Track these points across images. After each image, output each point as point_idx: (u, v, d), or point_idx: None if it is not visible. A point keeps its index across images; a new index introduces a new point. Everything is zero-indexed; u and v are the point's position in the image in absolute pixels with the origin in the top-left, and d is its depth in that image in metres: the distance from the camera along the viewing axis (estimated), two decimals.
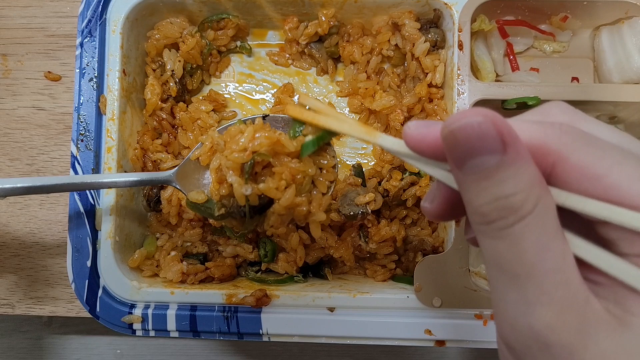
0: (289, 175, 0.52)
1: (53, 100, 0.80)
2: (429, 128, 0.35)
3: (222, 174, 0.54)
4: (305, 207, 0.54)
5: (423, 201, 0.40)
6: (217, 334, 0.67)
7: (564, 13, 0.74)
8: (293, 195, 0.53)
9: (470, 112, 0.30)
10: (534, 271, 0.30)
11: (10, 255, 0.78)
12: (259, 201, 0.53)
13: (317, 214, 0.55)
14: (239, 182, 0.52)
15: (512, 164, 0.30)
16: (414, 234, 0.74)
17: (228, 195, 0.55)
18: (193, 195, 0.58)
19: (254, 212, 0.55)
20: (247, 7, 0.74)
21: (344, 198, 0.69)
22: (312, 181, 0.55)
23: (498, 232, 0.31)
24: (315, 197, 0.56)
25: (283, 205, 0.53)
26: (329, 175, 0.56)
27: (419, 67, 0.74)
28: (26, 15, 0.80)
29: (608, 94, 0.70)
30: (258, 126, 0.54)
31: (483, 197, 0.31)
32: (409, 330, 0.65)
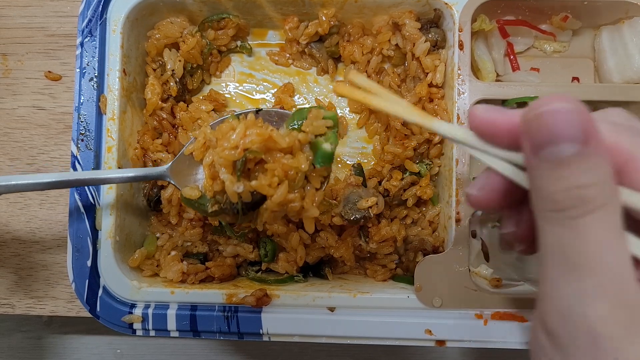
0: (281, 172, 0.52)
1: (53, 99, 0.80)
2: (499, 113, 0.36)
3: (215, 170, 0.54)
4: (298, 203, 0.54)
5: (469, 188, 0.40)
6: (217, 333, 0.67)
7: (564, 13, 0.74)
8: (286, 191, 0.52)
9: (557, 97, 0.31)
10: (596, 264, 0.31)
11: (10, 255, 0.78)
12: (252, 198, 0.53)
13: (310, 210, 0.55)
14: (231, 180, 0.52)
15: (591, 156, 0.31)
16: (414, 234, 0.74)
17: (221, 191, 0.55)
18: (187, 191, 0.58)
19: (248, 208, 0.54)
20: (247, 6, 0.74)
21: (346, 202, 0.69)
22: (305, 177, 0.55)
23: (568, 220, 0.31)
24: (309, 193, 0.55)
25: (276, 202, 0.52)
26: (321, 170, 0.56)
27: (419, 67, 0.74)
28: (26, 14, 0.80)
29: (608, 94, 0.70)
30: (250, 122, 0.54)
31: (558, 185, 0.31)
32: (409, 330, 0.65)
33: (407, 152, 0.73)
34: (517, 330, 0.65)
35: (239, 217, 0.55)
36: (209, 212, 0.56)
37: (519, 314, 0.66)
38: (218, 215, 0.57)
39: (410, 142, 0.73)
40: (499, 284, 0.70)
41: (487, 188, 0.39)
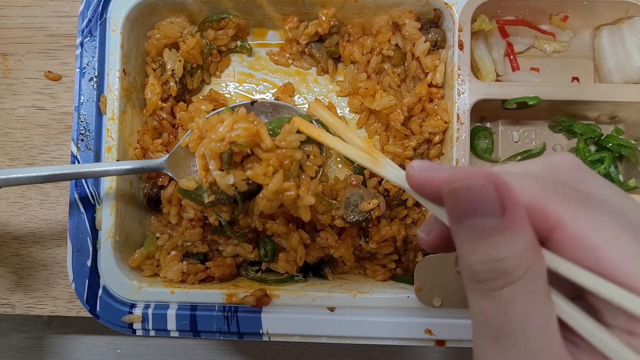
0: (276, 161, 0.52)
1: (53, 99, 0.80)
2: (433, 172, 0.35)
3: (206, 162, 0.54)
4: (293, 191, 0.54)
5: (419, 231, 0.41)
6: (217, 333, 0.67)
7: (564, 13, 0.74)
8: (281, 180, 0.53)
9: (473, 172, 0.31)
10: (517, 334, 0.31)
11: (10, 255, 0.78)
12: (248, 187, 0.53)
13: (306, 198, 0.55)
14: (220, 175, 0.53)
15: (508, 229, 0.30)
16: (414, 234, 0.74)
17: (216, 183, 0.55)
18: (184, 183, 0.59)
19: (244, 198, 0.55)
20: (247, 6, 0.74)
21: (347, 203, 0.69)
22: (300, 166, 0.56)
23: (487, 292, 0.31)
24: (304, 182, 0.56)
25: (271, 191, 0.53)
26: (315, 159, 0.57)
27: (419, 67, 0.74)
28: (26, 14, 0.80)
29: (608, 94, 0.70)
30: (239, 116, 0.54)
31: (476, 256, 0.31)
32: (409, 330, 0.65)
33: (407, 152, 0.73)
34: None
35: (237, 207, 0.56)
36: (206, 203, 0.57)
37: None
38: (215, 206, 0.57)
39: (410, 142, 0.73)
40: None
41: (433, 233, 0.39)
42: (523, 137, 0.78)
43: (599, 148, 0.76)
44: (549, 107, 0.75)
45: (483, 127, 0.78)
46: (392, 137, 0.75)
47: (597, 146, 0.76)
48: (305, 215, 0.57)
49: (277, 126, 0.56)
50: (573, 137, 0.77)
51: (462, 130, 0.69)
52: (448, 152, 0.71)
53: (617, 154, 0.74)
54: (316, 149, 0.57)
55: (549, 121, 0.77)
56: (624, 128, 0.76)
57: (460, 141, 0.69)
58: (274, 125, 0.57)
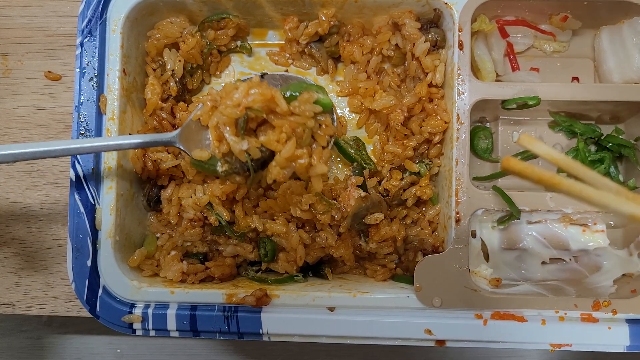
0: (289, 128, 0.53)
1: (53, 99, 0.80)
2: None
3: (221, 132, 0.55)
4: (306, 159, 0.55)
5: None
6: (217, 333, 0.67)
7: (564, 13, 0.74)
8: (294, 146, 0.53)
9: None
10: None
11: (10, 255, 0.78)
12: (261, 154, 0.54)
13: (318, 167, 0.56)
14: (235, 140, 0.53)
15: None
16: (414, 234, 0.74)
17: (229, 153, 0.56)
18: (197, 153, 0.59)
19: (257, 166, 0.55)
20: (247, 6, 0.74)
21: (355, 217, 0.69)
22: (312, 135, 0.56)
23: None
24: (316, 151, 0.56)
25: (284, 157, 0.53)
26: (327, 129, 0.57)
27: (419, 67, 0.74)
28: (26, 14, 0.80)
29: (608, 94, 0.70)
30: (253, 83, 0.55)
31: None
32: (409, 329, 0.65)
33: (406, 152, 0.73)
34: (517, 330, 0.65)
35: (250, 176, 0.56)
36: (220, 172, 0.57)
37: (518, 314, 0.66)
38: (229, 175, 0.57)
39: (410, 142, 0.73)
40: (498, 284, 0.70)
41: None
42: None
43: (599, 148, 0.76)
44: (549, 107, 0.75)
45: (483, 127, 0.78)
46: (392, 137, 0.75)
47: (597, 146, 0.76)
48: (317, 184, 0.58)
49: (295, 90, 0.56)
50: (573, 137, 0.77)
51: (462, 130, 0.69)
52: (448, 152, 0.71)
53: (617, 154, 0.74)
54: (329, 119, 0.58)
55: (549, 121, 0.77)
56: (624, 128, 0.76)
57: (460, 141, 0.69)
58: (292, 90, 0.57)
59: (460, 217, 0.68)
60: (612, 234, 0.72)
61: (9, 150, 0.58)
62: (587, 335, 0.65)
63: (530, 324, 0.65)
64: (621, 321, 0.66)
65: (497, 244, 0.71)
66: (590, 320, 0.65)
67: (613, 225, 0.73)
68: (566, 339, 0.65)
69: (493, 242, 0.71)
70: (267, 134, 0.53)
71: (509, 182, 0.77)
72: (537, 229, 0.70)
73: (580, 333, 0.65)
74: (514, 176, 0.42)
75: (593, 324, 0.65)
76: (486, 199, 0.68)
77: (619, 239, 0.74)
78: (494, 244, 0.71)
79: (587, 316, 0.66)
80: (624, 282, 0.70)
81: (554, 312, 0.66)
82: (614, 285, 0.70)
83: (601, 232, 0.70)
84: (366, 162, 0.74)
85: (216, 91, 0.57)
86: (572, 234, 0.70)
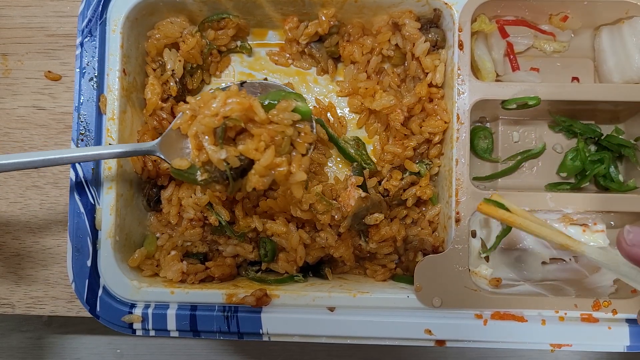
0: (267, 137, 0.53)
1: (53, 99, 0.80)
2: None
3: (200, 141, 0.55)
4: (285, 167, 0.55)
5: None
6: (217, 333, 0.67)
7: (564, 13, 0.74)
8: (272, 155, 0.54)
9: None
10: None
11: (10, 255, 0.78)
12: (240, 163, 0.54)
13: (298, 174, 0.56)
14: (214, 149, 0.53)
15: None
16: (414, 234, 0.74)
17: (209, 161, 0.56)
18: (177, 162, 0.59)
19: (236, 174, 0.56)
20: (247, 6, 0.74)
21: (355, 217, 0.69)
22: (292, 143, 0.56)
23: None
24: (295, 158, 0.57)
25: (263, 165, 0.53)
26: (306, 137, 0.57)
27: (419, 67, 0.74)
28: (26, 14, 0.80)
29: (608, 94, 0.70)
30: (231, 92, 0.55)
31: None
32: (409, 330, 0.65)
33: (406, 152, 0.73)
34: (517, 330, 0.65)
35: (229, 184, 0.56)
36: (199, 181, 0.57)
37: (518, 314, 0.66)
38: (208, 184, 0.58)
39: (410, 142, 0.73)
40: (498, 284, 0.70)
41: None
42: (523, 137, 0.78)
43: (599, 148, 0.76)
44: (549, 107, 0.75)
45: (483, 127, 0.78)
46: (392, 137, 0.75)
47: (597, 146, 0.76)
48: (297, 192, 0.58)
49: (274, 99, 0.57)
50: (573, 137, 0.77)
51: (462, 130, 0.69)
52: (448, 152, 0.71)
53: (617, 154, 0.74)
54: (307, 127, 0.58)
55: (549, 121, 0.77)
56: (624, 128, 0.76)
57: (460, 141, 0.69)
58: (270, 98, 0.57)
59: (460, 217, 0.68)
60: (612, 234, 0.72)
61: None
62: (587, 335, 0.65)
63: (530, 324, 0.65)
64: (621, 321, 0.66)
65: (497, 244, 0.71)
66: (590, 320, 0.65)
67: (613, 225, 0.73)
68: (566, 339, 0.65)
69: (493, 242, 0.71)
70: (246, 143, 0.53)
71: (509, 182, 0.77)
72: None
73: (580, 333, 0.65)
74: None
75: (593, 324, 0.65)
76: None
77: None
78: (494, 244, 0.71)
79: (587, 316, 0.66)
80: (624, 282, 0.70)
81: (554, 312, 0.66)
82: (614, 285, 0.70)
83: (601, 232, 0.70)
84: (366, 162, 0.74)
85: (195, 100, 0.57)
86: (572, 234, 0.70)
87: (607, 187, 0.74)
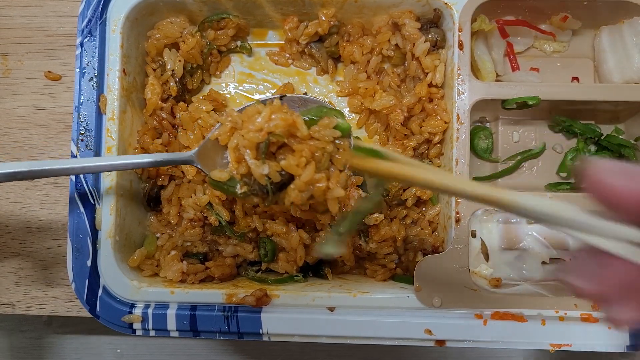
0: (308, 153, 0.54)
1: (53, 99, 0.80)
2: (631, 180, 0.27)
3: (240, 154, 0.55)
4: (324, 183, 0.55)
5: (574, 279, 0.31)
6: (217, 333, 0.67)
7: (564, 13, 0.74)
8: (313, 171, 0.54)
9: None
10: None
11: (10, 255, 0.78)
12: (281, 178, 0.54)
13: (336, 190, 0.56)
14: (256, 164, 0.54)
15: None
16: (414, 234, 0.74)
17: (248, 174, 0.56)
18: (216, 174, 0.59)
19: (276, 188, 0.56)
20: (247, 6, 0.74)
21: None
22: (330, 159, 0.57)
23: None
24: (334, 174, 0.57)
25: (303, 181, 0.54)
26: (345, 154, 0.57)
27: (419, 67, 0.74)
28: (26, 14, 0.80)
29: (608, 94, 0.70)
30: (275, 107, 0.55)
31: None
32: (409, 330, 0.65)
33: (406, 152, 0.73)
34: (517, 330, 0.65)
35: (268, 197, 0.56)
36: (239, 194, 0.57)
37: (518, 314, 0.66)
38: (247, 197, 0.58)
39: (410, 142, 0.73)
40: (498, 284, 0.70)
41: (599, 279, 0.29)
42: (523, 137, 0.78)
43: (599, 148, 0.76)
44: (549, 107, 0.75)
45: (483, 127, 0.78)
46: (392, 137, 0.75)
47: (597, 146, 0.76)
48: (333, 207, 0.58)
49: (315, 115, 0.57)
50: (573, 137, 0.77)
51: (462, 130, 0.69)
52: (448, 152, 0.71)
53: (617, 154, 0.74)
54: (346, 143, 0.58)
55: (549, 121, 0.77)
56: (624, 128, 0.76)
57: (460, 141, 0.69)
58: (312, 114, 0.57)
59: (460, 217, 0.68)
60: None
61: (8, 169, 0.57)
62: (587, 335, 0.65)
63: (530, 324, 0.65)
64: None
65: (497, 244, 0.71)
66: (590, 320, 0.65)
67: None
68: (566, 339, 0.65)
69: (493, 242, 0.71)
70: (287, 158, 0.54)
71: (509, 182, 0.77)
72: (537, 229, 0.70)
73: (580, 333, 0.65)
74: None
75: (593, 324, 0.65)
76: None
77: None
78: (494, 244, 0.71)
79: (587, 316, 0.66)
80: None
81: (554, 312, 0.66)
82: None
83: None
84: None
85: (236, 113, 0.58)
86: None
87: None
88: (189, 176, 0.71)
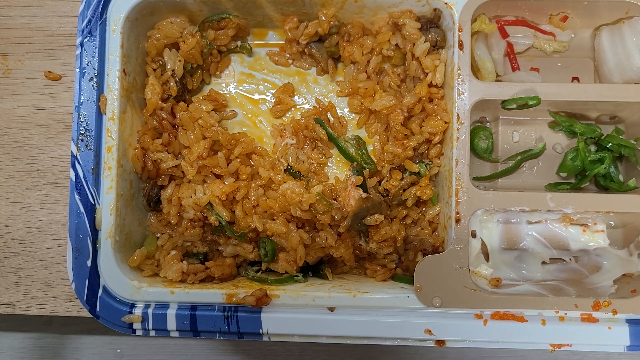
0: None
1: (53, 99, 0.80)
2: None
3: None
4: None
5: None
6: (217, 333, 0.67)
7: (564, 13, 0.74)
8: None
9: None
10: None
11: (10, 255, 0.78)
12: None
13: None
14: None
15: None
16: (414, 234, 0.74)
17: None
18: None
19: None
20: (247, 6, 0.74)
21: (355, 217, 0.69)
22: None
23: None
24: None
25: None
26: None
27: (419, 67, 0.74)
28: (26, 14, 0.80)
29: (608, 94, 0.70)
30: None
31: None
32: (409, 329, 0.65)
33: (406, 152, 0.73)
34: (517, 330, 0.65)
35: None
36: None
37: (518, 314, 0.66)
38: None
39: (410, 142, 0.73)
40: (498, 284, 0.70)
41: None
42: (523, 137, 0.78)
43: (599, 148, 0.76)
44: (549, 107, 0.75)
45: (483, 127, 0.78)
46: (392, 137, 0.75)
47: (597, 146, 0.76)
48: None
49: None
50: (573, 137, 0.77)
51: (462, 130, 0.69)
52: (448, 152, 0.71)
53: (617, 154, 0.74)
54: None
55: (549, 121, 0.77)
56: (624, 128, 0.76)
57: (460, 141, 0.69)
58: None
59: (460, 217, 0.68)
60: (612, 234, 0.72)
61: None
62: (587, 335, 0.65)
63: (530, 324, 0.65)
64: (621, 321, 0.66)
65: (497, 244, 0.71)
66: (590, 320, 0.65)
67: (613, 225, 0.73)
68: (566, 339, 0.65)
69: (493, 242, 0.71)
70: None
71: (509, 182, 0.77)
72: (537, 229, 0.70)
73: (580, 333, 0.65)
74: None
75: (593, 324, 0.65)
76: (486, 199, 0.68)
77: (619, 239, 0.74)
78: (494, 244, 0.71)
79: (587, 316, 0.66)
80: (624, 282, 0.70)
81: (554, 312, 0.66)
82: (614, 285, 0.70)
83: (601, 232, 0.70)
84: (366, 162, 0.74)
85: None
86: (572, 234, 0.70)
87: (607, 187, 0.74)
88: (189, 176, 0.71)
